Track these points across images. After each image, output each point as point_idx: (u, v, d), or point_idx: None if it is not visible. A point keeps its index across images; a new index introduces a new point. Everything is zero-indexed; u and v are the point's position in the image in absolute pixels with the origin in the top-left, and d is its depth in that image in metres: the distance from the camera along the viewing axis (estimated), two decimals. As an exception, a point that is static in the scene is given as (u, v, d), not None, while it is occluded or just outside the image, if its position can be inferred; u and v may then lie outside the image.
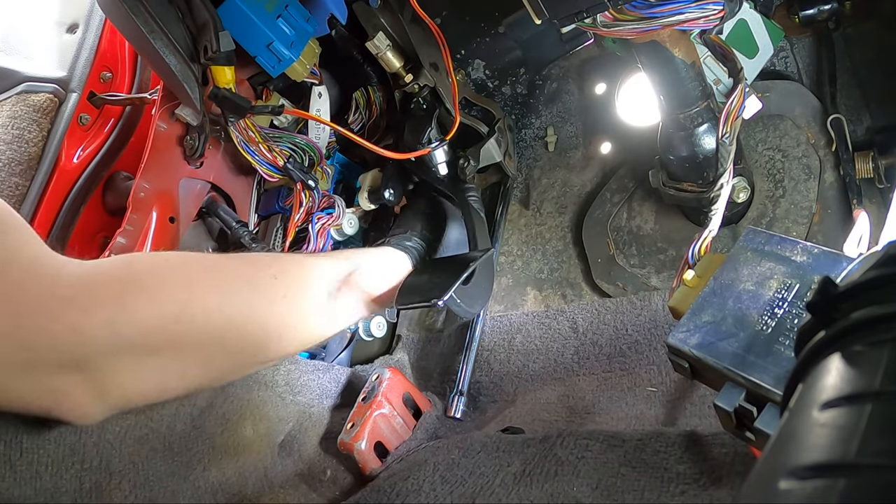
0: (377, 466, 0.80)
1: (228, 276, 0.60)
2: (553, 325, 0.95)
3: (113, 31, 1.06)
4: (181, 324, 0.54)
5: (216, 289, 0.58)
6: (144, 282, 0.54)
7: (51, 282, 0.49)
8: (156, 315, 0.53)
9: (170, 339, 0.54)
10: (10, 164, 0.98)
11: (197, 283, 0.57)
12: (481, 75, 1.05)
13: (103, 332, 0.50)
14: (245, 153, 0.90)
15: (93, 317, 0.49)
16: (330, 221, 0.92)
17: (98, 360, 0.50)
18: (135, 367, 0.53)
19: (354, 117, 1.05)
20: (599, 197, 1.01)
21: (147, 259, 0.58)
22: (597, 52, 1.04)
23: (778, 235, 0.54)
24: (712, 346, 0.48)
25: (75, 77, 1.04)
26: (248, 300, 0.60)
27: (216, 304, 0.57)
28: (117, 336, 0.50)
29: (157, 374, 0.55)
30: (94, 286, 0.51)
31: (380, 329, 1.02)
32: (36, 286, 0.48)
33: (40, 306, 0.47)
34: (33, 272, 0.49)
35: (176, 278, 0.56)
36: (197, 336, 0.56)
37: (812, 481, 0.21)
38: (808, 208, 0.85)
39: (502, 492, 0.66)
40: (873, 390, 0.24)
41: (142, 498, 0.63)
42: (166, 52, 0.79)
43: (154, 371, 0.54)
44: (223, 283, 0.59)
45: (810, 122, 0.88)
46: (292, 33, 0.86)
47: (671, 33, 0.66)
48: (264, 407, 0.81)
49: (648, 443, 0.63)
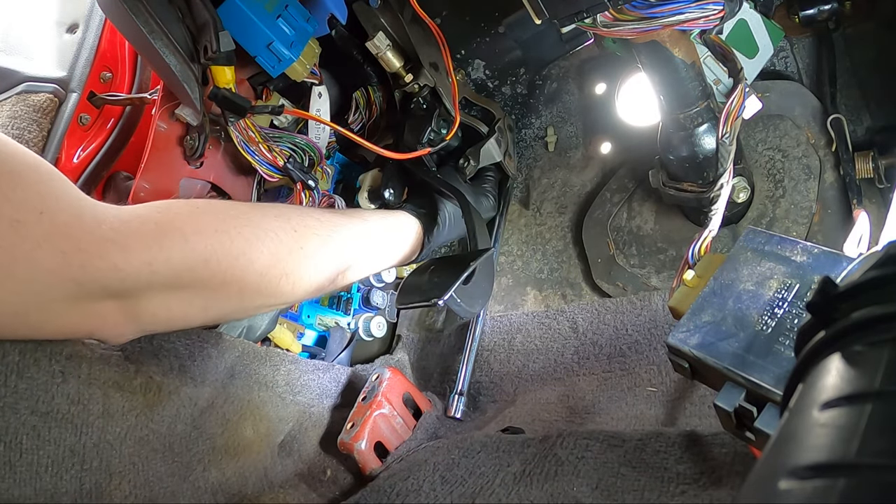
0: (377, 466, 0.80)
1: (253, 225, 0.66)
2: (553, 325, 0.95)
3: (113, 31, 1.06)
4: (209, 265, 0.61)
5: (242, 236, 0.64)
6: (178, 226, 0.59)
7: (94, 224, 0.54)
8: (188, 257, 0.59)
9: (198, 277, 0.60)
10: (10, 164, 0.97)
11: (226, 229, 0.63)
12: (481, 75, 1.05)
13: (142, 271, 0.55)
14: (245, 153, 0.89)
15: (132, 257, 0.55)
16: (330, 221, 0.92)
17: (134, 292, 0.56)
18: (165, 299, 0.59)
19: (354, 117, 1.05)
20: (599, 197, 1.01)
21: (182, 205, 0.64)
22: (597, 52, 1.04)
23: (778, 235, 0.54)
24: (712, 346, 0.48)
25: (75, 77, 1.04)
26: (270, 248, 0.66)
27: (241, 249, 0.64)
28: (153, 274, 0.56)
29: (184, 306, 0.61)
30: (134, 228, 0.56)
31: (380, 329, 1.02)
32: (81, 228, 0.52)
33: (86, 246, 0.52)
34: (78, 215, 0.53)
35: (207, 224, 0.62)
36: (222, 276, 0.62)
37: (812, 481, 0.21)
38: (808, 208, 0.85)
39: (502, 492, 0.66)
40: (873, 390, 0.24)
41: (142, 498, 0.63)
42: (166, 52, 0.79)
43: (181, 302, 0.61)
44: (249, 232, 0.65)
45: (810, 122, 0.88)
46: (292, 33, 0.86)
47: (671, 33, 0.66)
48: (264, 407, 0.81)
49: (648, 443, 0.63)
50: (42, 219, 0.50)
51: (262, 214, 0.70)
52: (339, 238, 0.75)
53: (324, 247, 0.73)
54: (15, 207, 0.49)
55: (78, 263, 0.52)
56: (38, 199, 0.51)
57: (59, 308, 0.53)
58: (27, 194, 0.51)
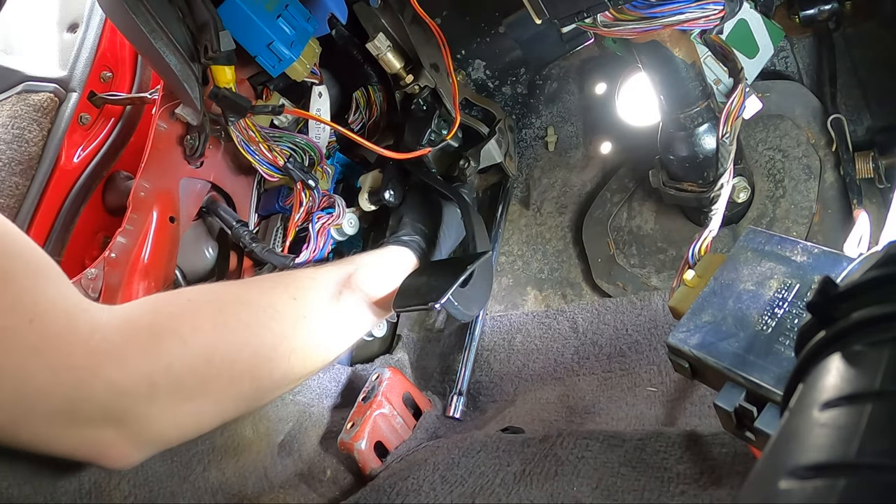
0: (377, 466, 0.80)
1: (251, 306, 0.62)
2: (553, 324, 0.95)
3: (113, 31, 1.06)
4: (213, 364, 0.56)
5: (242, 323, 0.60)
6: (174, 327, 0.55)
7: (87, 335, 0.49)
8: (189, 360, 0.54)
9: (203, 380, 0.55)
10: (10, 164, 0.98)
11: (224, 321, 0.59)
12: (482, 75, 1.05)
13: (140, 385, 0.51)
14: (245, 153, 0.89)
15: (129, 370, 0.50)
16: (330, 221, 0.92)
17: (136, 411, 0.51)
18: (172, 414, 0.54)
19: (354, 117, 1.05)
20: (599, 197, 1.01)
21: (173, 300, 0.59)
22: (597, 52, 1.04)
23: (778, 235, 0.54)
24: (712, 346, 0.48)
25: (75, 77, 1.04)
26: (273, 328, 0.62)
27: (244, 338, 0.59)
28: (154, 387, 0.51)
29: (195, 416, 0.56)
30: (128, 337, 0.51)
31: (380, 329, 1.02)
32: (73, 340, 0.48)
33: (79, 362, 0.48)
34: (71, 323, 0.49)
35: (204, 319, 0.57)
36: (229, 374, 0.57)
37: (812, 481, 0.21)
38: (808, 208, 0.85)
39: (502, 492, 0.66)
40: (873, 390, 0.24)
41: (141, 498, 0.63)
42: (166, 52, 0.79)
43: (191, 414, 0.55)
44: (247, 315, 0.60)
45: (810, 122, 0.88)
46: (292, 33, 0.86)
47: (671, 33, 0.66)
48: (264, 407, 0.81)
49: (648, 443, 0.63)
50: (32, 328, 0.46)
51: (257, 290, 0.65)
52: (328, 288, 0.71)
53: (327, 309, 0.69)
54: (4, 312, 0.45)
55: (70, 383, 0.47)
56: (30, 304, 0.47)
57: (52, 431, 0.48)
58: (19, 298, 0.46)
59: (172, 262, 0.89)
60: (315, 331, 0.67)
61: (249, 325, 0.60)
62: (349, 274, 0.73)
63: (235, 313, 0.60)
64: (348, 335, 0.73)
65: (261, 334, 0.60)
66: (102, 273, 0.81)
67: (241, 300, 0.62)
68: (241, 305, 0.61)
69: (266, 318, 0.61)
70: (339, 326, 0.71)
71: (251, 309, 0.61)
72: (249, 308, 0.61)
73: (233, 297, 0.62)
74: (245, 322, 0.60)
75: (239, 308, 0.61)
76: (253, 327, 0.60)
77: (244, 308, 0.61)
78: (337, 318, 0.70)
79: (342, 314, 0.71)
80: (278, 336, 0.62)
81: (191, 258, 0.96)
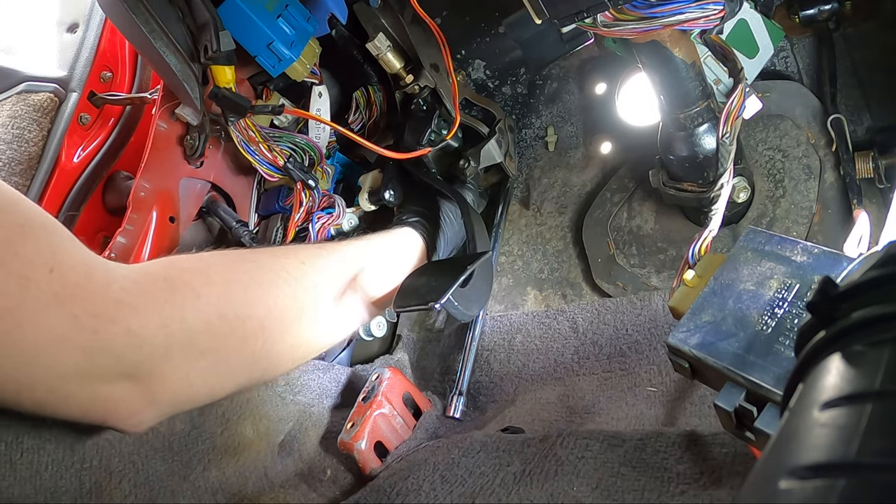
0: (377, 466, 0.80)
1: (264, 268, 0.63)
2: (553, 324, 0.95)
3: (113, 31, 1.06)
4: (227, 320, 0.56)
5: (255, 281, 0.61)
6: (187, 279, 0.55)
7: (105, 285, 0.49)
8: (202, 312, 0.54)
9: (216, 336, 0.55)
10: (10, 164, 0.98)
11: (236, 277, 0.60)
12: (482, 75, 1.05)
13: (157, 334, 0.51)
14: (245, 153, 0.90)
15: (147, 319, 0.50)
16: (330, 221, 0.92)
17: (151, 365, 0.51)
18: (185, 372, 0.54)
19: (354, 117, 1.05)
20: (599, 197, 1.01)
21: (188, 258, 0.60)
22: (597, 51, 1.04)
23: (778, 235, 0.54)
24: (712, 346, 0.48)
25: (75, 77, 1.04)
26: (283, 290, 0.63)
27: (256, 295, 0.60)
28: (169, 338, 0.52)
29: (207, 376, 0.56)
30: (144, 288, 0.52)
31: (380, 329, 1.02)
32: (93, 289, 0.48)
33: (98, 309, 0.48)
34: (89, 274, 0.49)
35: (216, 274, 0.58)
36: (242, 331, 0.57)
37: (812, 481, 0.21)
38: (808, 208, 0.85)
39: (502, 492, 0.66)
40: (874, 390, 0.24)
41: (142, 498, 0.63)
42: (166, 52, 0.79)
43: (203, 373, 0.55)
44: (260, 275, 0.62)
45: (810, 122, 0.88)
46: (292, 33, 0.86)
47: (671, 33, 0.66)
48: (264, 406, 0.81)
49: (648, 443, 0.63)
50: (52, 277, 0.46)
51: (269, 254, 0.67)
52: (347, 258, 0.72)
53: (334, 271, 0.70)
54: (24, 263, 0.45)
55: (90, 329, 0.47)
56: (49, 255, 0.47)
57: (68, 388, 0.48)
58: (38, 249, 0.47)
59: (172, 262, 0.89)
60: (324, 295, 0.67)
61: (261, 283, 0.60)
62: (355, 274, 0.73)
63: (249, 272, 0.60)
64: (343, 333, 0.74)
65: (273, 294, 0.61)
66: (102, 273, 0.81)
67: (253, 260, 0.63)
68: (255, 265, 0.62)
69: (278, 279, 0.62)
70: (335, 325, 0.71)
71: (264, 269, 0.62)
72: (262, 268, 0.62)
73: (246, 258, 0.64)
74: (257, 280, 0.60)
75: (252, 267, 0.61)
76: (265, 285, 0.60)
77: (258, 268, 0.62)
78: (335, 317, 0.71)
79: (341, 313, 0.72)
80: (290, 298, 0.62)
81: (191, 258, 0.96)
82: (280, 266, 0.64)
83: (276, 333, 0.61)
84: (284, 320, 0.62)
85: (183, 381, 0.54)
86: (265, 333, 0.60)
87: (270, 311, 0.60)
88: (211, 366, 0.55)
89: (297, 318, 0.63)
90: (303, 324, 0.64)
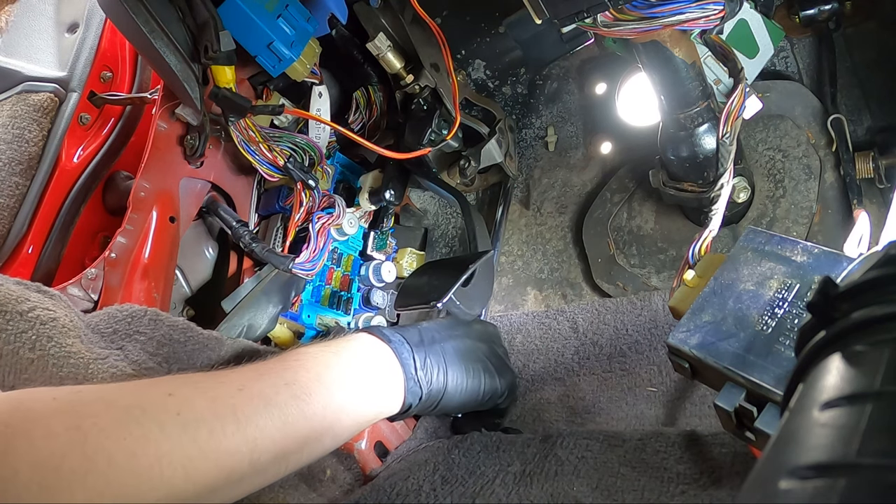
0: (377, 466, 0.80)
1: (113, 408, 0.52)
2: (553, 325, 0.95)
3: (113, 31, 1.06)
4: (61, 475, 0.47)
5: (98, 427, 0.50)
6: (27, 428, 0.48)
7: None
8: (38, 467, 0.46)
9: (50, 493, 0.46)
10: (10, 164, 0.98)
11: (76, 423, 0.49)
12: (482, 75, 1.05)
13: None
14: (245, 153, 0.89)
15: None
16: (330, 221, 0.92)
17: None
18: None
19: (355, 117, 1.05)
20: (600, 197, 1.01)
21: (39, 399, 0.51)
22: (597, 51, 1.04)
23: (778, 235, 0.54)
24: (712, 346, 0.48)
25: (75, 77, 1.04)
26: (133, 431, 0.51)
27: (97, 444, 0.49)
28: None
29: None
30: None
31: (380, 329, 1.02)
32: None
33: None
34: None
35: (58, 422, 0.49)
36: (81, 487, 0.47)
37: (812, 481, 0.21)
38: (808, 208, 0.85)
39: (502, 492, 0.66)
40: (874, 390, 0.24)
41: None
42: (166, 52, 0.79)
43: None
44: (108, 418, 0.51)
45: (810, 122, 0.88)
46: (293, 33, 0.86)
47: (671, 33, 0.66)
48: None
49: (648, 443, 0.63)
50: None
51: (132, 392, 0.55)
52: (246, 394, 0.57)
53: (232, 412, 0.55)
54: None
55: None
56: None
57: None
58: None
59: (172, 262, 0.89)
60: (200, 435, 0.53)
61: (104, 429, 0.49)
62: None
63: (94, 415, 0.50)
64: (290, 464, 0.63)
65: (118, 436, 0.50)
66: (102, 273, 0.81)
67: (104, 400, 0.52)
68: (105, 405, 0.51)
69: (127, 420, 0.51)
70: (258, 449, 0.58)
71: (115, 410, 0.51)
72: (113, 409, 0.51)
73: (96, 398, 0.53)
74: (101, 426, 0.49)
75: (101, 408, 0.51)
76: (107, 431, 0.49)
77: (108, 409, 0.51)
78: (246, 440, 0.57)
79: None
80: (140, 440, 0.50)
81: (191, 258, 0.96)
82: (136, 403, 0.52)
83: (122, 483, 0.49)
84: (133, 469, 0.49)
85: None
86: (107, 487, 0.48)
87: (113, 460, 0.48)
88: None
89: (156, 463, 0.50)
90: (163, 468, 0.51)
